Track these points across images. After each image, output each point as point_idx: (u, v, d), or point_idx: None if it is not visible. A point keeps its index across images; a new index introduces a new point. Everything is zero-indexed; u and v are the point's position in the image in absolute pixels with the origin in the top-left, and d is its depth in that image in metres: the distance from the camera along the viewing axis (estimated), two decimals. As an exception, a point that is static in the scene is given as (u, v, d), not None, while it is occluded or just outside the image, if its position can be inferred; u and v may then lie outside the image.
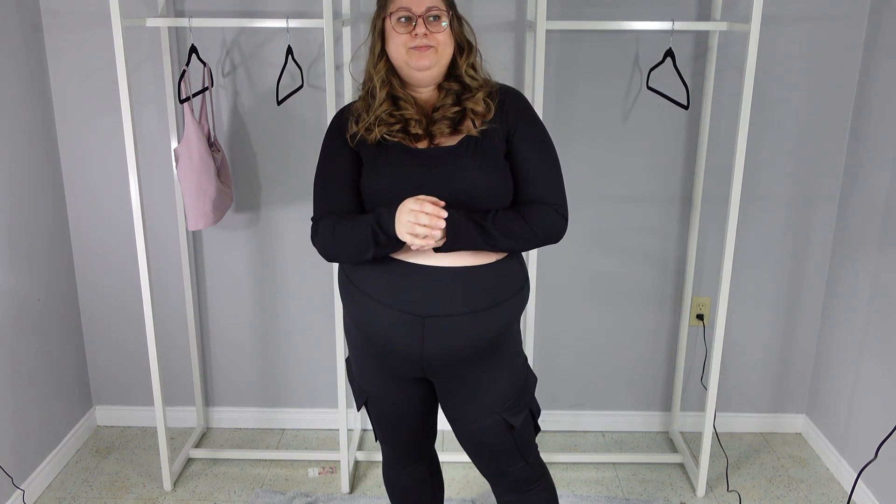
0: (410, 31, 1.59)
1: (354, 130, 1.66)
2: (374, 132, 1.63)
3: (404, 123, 1.63)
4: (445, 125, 1.63)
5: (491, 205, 1.62)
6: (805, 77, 2.58)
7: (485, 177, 1.61)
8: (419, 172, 1.61)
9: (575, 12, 2.51)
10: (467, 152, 1.62)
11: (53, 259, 2.67)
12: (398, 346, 1.64)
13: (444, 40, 1.60)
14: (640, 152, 2.65)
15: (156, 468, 2.69)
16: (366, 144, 1.66)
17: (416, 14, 1.58)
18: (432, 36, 1.59)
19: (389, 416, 1.81)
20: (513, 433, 1.74)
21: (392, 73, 1.65)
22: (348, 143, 1.68)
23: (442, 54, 1.61)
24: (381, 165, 1.64)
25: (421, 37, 1.58)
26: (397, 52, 1.61)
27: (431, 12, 1.59)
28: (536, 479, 1.82)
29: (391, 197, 1.58)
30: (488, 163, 1.62)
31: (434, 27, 1.59)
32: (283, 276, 2.79)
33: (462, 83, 1.65)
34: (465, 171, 1.61)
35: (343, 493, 2.58)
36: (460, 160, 1.61)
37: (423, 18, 1.58)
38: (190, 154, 2.37)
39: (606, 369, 2.90)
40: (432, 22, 1.59)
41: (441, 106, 1.64)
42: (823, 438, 2.80)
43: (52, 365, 2.67)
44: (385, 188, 1.62)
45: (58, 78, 2.61)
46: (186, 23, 2.29)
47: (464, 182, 1.60)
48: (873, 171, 2.49)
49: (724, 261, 2.33)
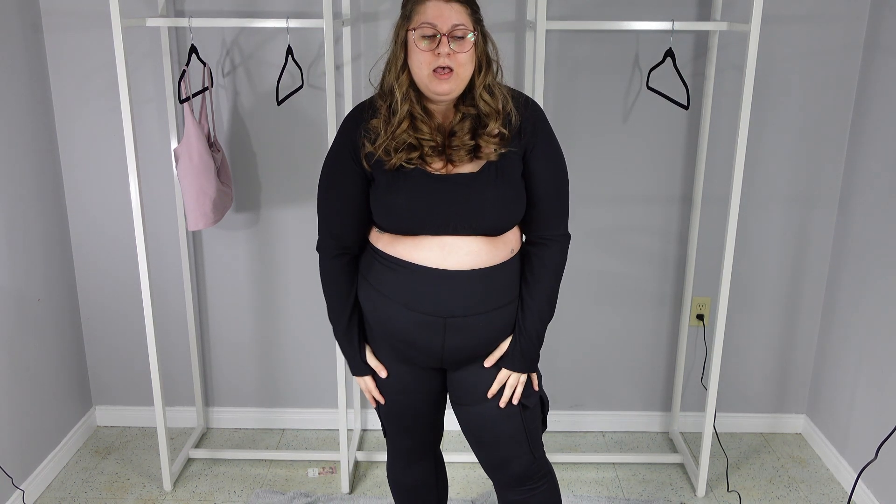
0: (433, 50, 1.53)
1: (370, 150, 1.62)
2: (394, 159, 1.59)
3: (421, 150, 1.60)
4: (465, 153, 1.61)
5: (507, 223, 1.65)
6: (805, 77, 2.58)
7: (504, 204, 1.63)
8: (438, 198, 1.61)
9: (575, 12, 2.51)
10: (488, 180, 1.61)
11: (53, 259, 2.67)
12: (419, 343, 1.68)
13: (464, 61, 1.55)
14: (640, 152, 2.65)
15: (156, 468, 2.69)
16: (381, 165, 1.62)
17: (441, 31, 1.52)
18: (454, 56, 1.53)
19: (402, 405, 1.81)
20: (523, 417, 1.74)
21: (413, 87, 1.60)
22: (359, 162, 1.64)
23: (461, 78, 1.56)
24: (399, 188, 1.61)
25: (444, 56, 1.53)
26: (419, 70, 1.56)
27: (457, 30, 1.52)
28: (541, 476, 1.81)
29: (409, 218, 1.60)
30: (508, 189, 1.63)
31: (458, 46, 1.53)
32: (283, 276, 2.79)
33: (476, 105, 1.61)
34: (485, 200, 1.61)
35: (343, 494, 2.58)
36: (482, 188, 1.61)
37: (448, 37, 1.52)
38: (190, 154, 2.37)
39: (606, 369, 2.90)
40: (457, 40, 1.53)
41: (458, 132, 1.61)
42: (823, 439, 2.79)
43: (51, 365, 2.67)
44: (403, 210, 1.61)
45: (58, 78, 2.61)
46: (186, 23, 2.29)
47: (482, 209, 1.61)
48: (873, 170, 2.49)
49: (724, 261, 2.33)
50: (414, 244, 1.63)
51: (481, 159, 1.61)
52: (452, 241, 1.62)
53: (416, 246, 1.63)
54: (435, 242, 1.62)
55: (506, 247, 1.67)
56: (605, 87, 2.59)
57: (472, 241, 1.62)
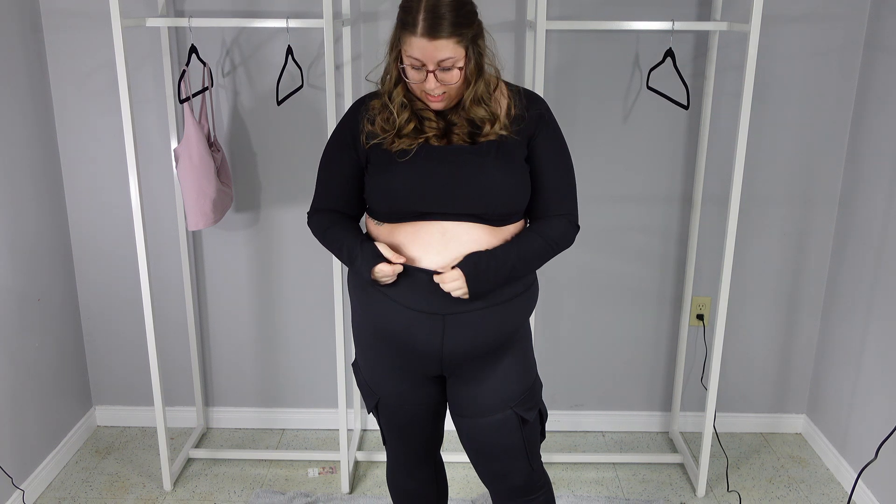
0: (422, 81, 1.55)
1: (370, 130, 1.64)
2: (396, 144, 1.61)
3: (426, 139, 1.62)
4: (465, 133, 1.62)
5: (509, 206, 1.62)
6: (805, 77, 2.58)
7: (506, 178, 1.61)
8: (441, 170, 1.60)
9: (575, 12, 2.51)
10: (489, 153, 1.61)
11: (53, 259, 2.67)
12: (419, 343, 1.65)
13: (456, 82, 1.56)
14: (640, 152, 2.65)
15: (156, 468, 2.69)
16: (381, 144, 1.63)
17: (427, 68, 1.53)
18: (443, 84, 1.55)
19: (401, 416, 1.80)
20: (523, 430, 1.73)
21: (409, 93, 1.62)
22: (358, 144, 1.66)
23: (454, 95, 1.59)
24: (397, 162, 1.61)
25: (432, 87, 1.54)
26: (412, 87, 1.59)
27: (445, 63, 1.53)
28: (538, 487, 1.81)
29: (408, 194, 1.59)
30: (509, 165, 1.62)
31: (447, 76, 1.54)
32: (283, 276, 2.79)
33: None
34: (486, 171, 1.60)
35: (343, 494, 2.58)
36: (482, 160, 1.60)
37: (435, 72, 1.53)
38: (190, 154, 2.37)
39: (606, 369, 2.90)
40: (445, 71, 1.54)
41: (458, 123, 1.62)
42: (823, 438, 2.79)
43: (51, 365, 2.67)
44: (403, 183, 1.61)
45: (58, 78, 2.61)
46: (186, 23, 2.29)
47: (485, 182, 1.60)
48: (873, 170, 2.49)
49: (724, 261, 2.33)
50: (414, 231, 1.61)
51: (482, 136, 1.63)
52: (454, 228, 1.60)
53: (416, 234, 1.61)
54: (436, 228, 1.60)
55: None
56: (605, 87, 2.59)
57: (473, 228, 1.60)
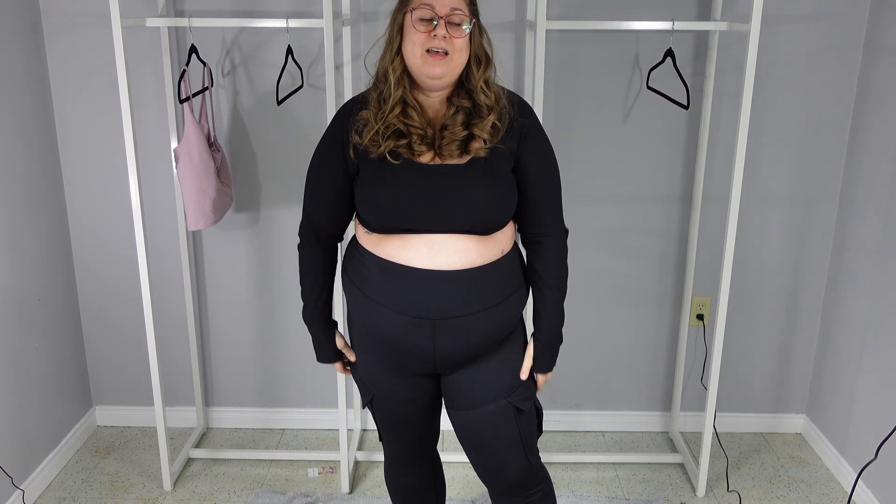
0: (430, 32, 1.54)
1: (358, 141, 1.62)
2: (381, 146, 1.59)
3: (410, 138, 1.59)
4: (455, 146, 1.60)
5: (496, 220, 1.63)
6: (805, 77, 2.58)
7: (493, 198, 1.61)
8: (427, 188, 1.59)
9: (575, 12, 2.51)
10: (477, 171, 1.60)
11: (53, 259, 2.67)
12: (410, 346, 1.65)
13: (460, 47, 1.56)
14: (640, 152, 2.65)
15: (156, 468, 2.69)
16: (368, 154, 1.61)
17: (438, 14, 1.53)
18: (450, 40, 1.54)
19: (395, 413, 1.80)
20: (518, 421, 1.72)
21: (406, 73, 1.60)
22: (346, 155, 1.64)
23: (455, 63, 1.57)
24: (386, 179, 1.60)
25: (440, 39, 1.53)
26: (412, 51, 1.56)
27: (455, 14, 1.54)
28: (537, 482, 1.80)
29: (395, 210, 1.58)
30: (497, 183, 1.61)
31: (455, 31, 1.55)
32: (283, 276, 2.79)
33: (473, 99, 1.61)
34: (474, 191, 1.59)
35: (343, 493, 2.58)
36: (470, 180, 1.59)
37: (445, 21, 1.54)
38: (190, 154, 2.37)
39: (606, 369, 2.90)
40: (453, 26, 1.55)
41: (450, 125, 1.60)
42: (823, 438, 2.80)
43: (52, 365, 2.67)
44: (391, 201, 1.59)
45: (58, 78, 2.61)
46: (186, 23, 2.29)
47: (471, 202, 1.59)
48: (873, 170, 2.49)
49: (724, 261, 2.33)
50: (402, 244, 1.61)
51: (470, 154, 1.61)
52: (440, 241, 1.59)
53: (404, 246, 1.61)
54: (422, 241, 1.60)
55: (496, 246, 1.64)
56: (605, 87, 2.59)
57: (460, 239, 1.60)
